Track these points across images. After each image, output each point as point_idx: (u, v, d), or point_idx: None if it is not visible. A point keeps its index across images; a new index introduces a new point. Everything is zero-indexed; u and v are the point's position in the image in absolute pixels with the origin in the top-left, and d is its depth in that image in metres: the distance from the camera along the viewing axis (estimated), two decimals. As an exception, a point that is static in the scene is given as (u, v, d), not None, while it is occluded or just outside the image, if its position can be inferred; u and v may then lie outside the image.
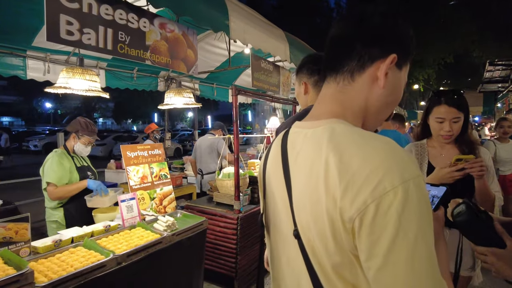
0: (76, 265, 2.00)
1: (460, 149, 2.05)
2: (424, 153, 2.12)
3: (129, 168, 2.90)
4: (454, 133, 1.98)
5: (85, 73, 2.09)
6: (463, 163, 1.84)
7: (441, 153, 2.10)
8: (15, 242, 2.05)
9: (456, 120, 1.95)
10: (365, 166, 0.66)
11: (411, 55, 0.86)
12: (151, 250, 2.47)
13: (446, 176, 1.86)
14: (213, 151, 5.28)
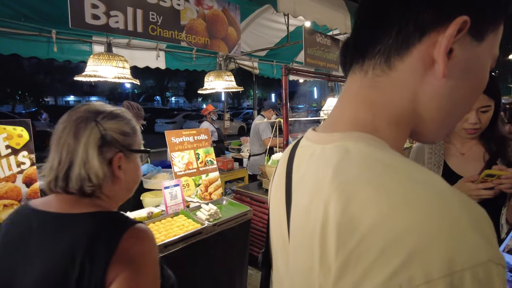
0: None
1: (486, 146, 1.51)
2: (440, 152, 1.60)
3: (174, 154, 2.85)
4: (482, 126, 1.45)
5: (112, 59, 2.02)
6: (495, 179, 1.32)
7: (462, 152, 1.58)
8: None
9: (485, 110, 1.41)
10: (383, 230, 0.37)
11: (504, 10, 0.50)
12: (190, 241, 2.40)
13: (471, 194, 1.36)
14: (256, 133, 5.09)
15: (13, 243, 0.84)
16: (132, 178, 0.99)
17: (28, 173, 1.97)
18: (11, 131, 1.92)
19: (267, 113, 5.18)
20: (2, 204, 1.88)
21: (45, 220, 0.85)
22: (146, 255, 0.83)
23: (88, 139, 0.87)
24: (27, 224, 0.85)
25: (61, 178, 0.87)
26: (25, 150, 1.96)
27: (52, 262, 0.78)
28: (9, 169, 1.90)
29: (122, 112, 0.99)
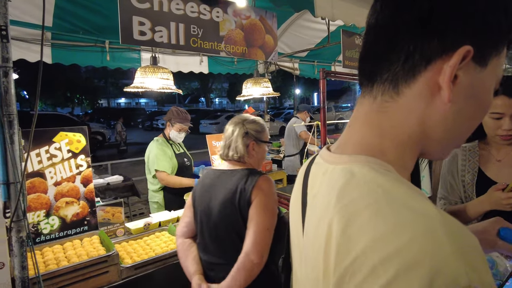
0: (157, 250, 2.17)
1: None
2: (474, 159, 1.53)
3: (214, 157, 2.99)
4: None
5: (157, 71, 2.19)
6: None
7: (498, 159, 1.51)
8: (112, 223, 2.34)
9: None
10: (374, 252, 0.41)
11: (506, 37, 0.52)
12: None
13: (501, 203, 1.28)
14: (290, 133, 5.11)
15: (206, 187, 1.66)
16: (260, 156, 1.71)
17: (85, 174, 2.21)
18: (71, 137, 2.16)
19: (302, 115, 5.21)
20: (65, 201, 2.12)
21: (221, 173, 1.66)
22: (270, 188, 1.55)
23: (239, 132, 1.63)
24: (213, 175, 1.68)
25: (225, 153, 1.66)
26: (83, 154, 2.20)
27: (227, 191, 1.56)
28: (69, 170, 2.15)
29: (256, 119, 1.72)
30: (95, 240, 2.10)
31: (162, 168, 3.07)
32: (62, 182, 2.13)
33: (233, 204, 1.52)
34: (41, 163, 2.05)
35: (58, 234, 2.11)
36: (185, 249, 1.70)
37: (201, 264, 1.64)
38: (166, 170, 3.09)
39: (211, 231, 1.59)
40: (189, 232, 1.73)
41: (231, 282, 1.46)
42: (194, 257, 1.66)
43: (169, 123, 3.24)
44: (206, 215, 1.61)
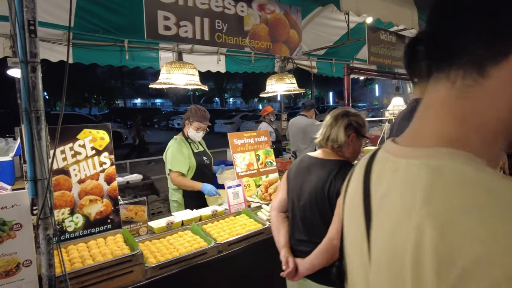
0: (181, 250, 2.13)
1: None
2: None
3: (236, 156, 2.94)
4: None
5: (183, 67, 2.14)
6: None
7: None
8: (135, 222, 2.32)
9: None
10: (494, 262, 0.34)
11: None
12: (252, 240, 2.46)
13: None
14: (306, 135, 4.98)
15: (301, 170, 1.84)
16: (357, 148, 1.79)
17: (109, 172, 2.19)
18: (95, 134, 2.14)
19: (309, 113, 5.10)
20: (89, 199, 2.11)
21: (316, 161, 1.81)
22: None
23: (342, 123, 1.74)
24: (308, 161, 1.84)
25: (324, 141, 1.78)
26: (106, 151, 2.18)
27: (318, 179, 1.71)
28: (93, 168, 2.13)
29: (359, 113, 1.80)
30: (119, 239, 2.07)
31: (175, 168, 3.05)
32: (86, 180, 2.11)
33: (323, 192, 1.68)
34: (66, 160, 2.04)
35: (82, 232, 2.09)
36: (279, 222, 1.93)
37: (290, 238, 1.87)
38: (180, 170, 3.06)
39: (300, 212, 1.79)
40: (282, 207, 1.96)
41: (313, 260, 1.67)
42: (285, 232, 1.88)
43: (187, 121, 3.21)
44: (297, 196, 1.81)
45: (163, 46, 5.52)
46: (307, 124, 4.98)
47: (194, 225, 2.45)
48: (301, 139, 5.04)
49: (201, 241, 2.27)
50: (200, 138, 3.29)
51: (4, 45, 4.37)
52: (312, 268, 1.67)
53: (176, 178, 3.04)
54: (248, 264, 2.46)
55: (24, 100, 1.47)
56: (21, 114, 1.47)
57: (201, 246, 2.20)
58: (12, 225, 1.53)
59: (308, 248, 1.71)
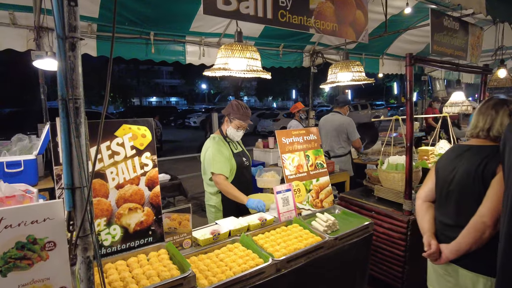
0: (235, 268, 1.79)
1: None
2: None
3: (285, 156, 2.59)
4: None
5: (245, 49, 1.79)
6: None
7: None
8: (178, 233, 1.99)
9: None
10: None
11: None
12: (312, 256, 2.10)
13: None
14: (341, 134, 4.57)
15: (451, 158, 1.91)
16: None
17: (151, 175, 1.86)
18: (136, 130, 1.82)
19: (343, 110, 4.69)
20: (128, 208, 1.79)
21: (469, 147, 1.86)
22: None
23: (504, 113, 1.75)
24: (459, 149, 1.91)
25: (483, 132, 1.80)
26: (148, 151, 1.85)
27: (472, 162, 1.76)
28: (133, 171, 1.81)
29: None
30: (164, 255, 1.75)
31: (219, 171, 2.71)
32: (125, 185, 1.79)
33: (477, 173, 1.70)
34: (102, 162, 1.72)
35: (120, 246, 1.77)
36: (424, 209, 2.00)
37: (434, 224, 1.93)
38: (223, 173, 2.73)
39: (450, 196, 1.84)
40: (428, 197, 2.02)
41: (460, 240, 1.70)
42: (429, 218, 1.95)
43: (227, 118, 2.87)
44: (447, 182, 1.86)
45: (189, 39, 5.23)
46: (341, 122, 4.58)
47: (244, 237, 2.11)
48: (335, 137, 4.65)
49: (255, 257, 1.93)
50: (239, 138, 2.95)
51: (28, 37, 4.13)
52: (458, 249, 1.70)
53: (222, 183, 2.71)
54: (306, 285, 2.10)
55: (61, 86, 1.15)
56: (58, 102, 1.16)
57: (257, 264, 1.86)
58: (45, 243, 1.22)
59: (455, 233, 1.74)
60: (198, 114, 24.92)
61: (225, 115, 2.90)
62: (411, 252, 2.94)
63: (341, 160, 4.63)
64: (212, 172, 2.70)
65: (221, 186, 2.70)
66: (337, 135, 4.62)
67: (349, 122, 4.55)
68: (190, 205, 2.02)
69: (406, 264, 2.95)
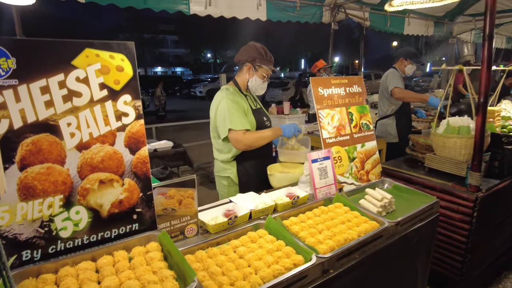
0: (263, 271, 1.17)
1: None
2: None
3: (322, 113, 1.91)
4: None
5: None
6: None
7: None
8: (178, 216, 1.37)
9: None
10: None
11: None
12: (369, 250, 1.48)
13: None
14: (383, 90, 3.81)
15: None
16: None
17: (133, 130, 1.21)
18: (107, 60, 1.16)
19: (398, 65, 3.86)
20: (97, 180, 1.16)
21: None
22: None
23: None
24: None
25: None
26: (127, 93, 1.19)
27: None
28: (105, 123, 1.16)
29: None
30: (154, 253, 1.12)
31: (238, 126, 2.04)
32: (92, 144, 1.14)
33: None
34: (52, 107, 1.06)
35: (88, 238, 1.15)
36: None
37: None
38: (245, 127, 2.07)
39: None
40: None
41: None
42: None
43: (250, 65, 2.16)
44: None
45: (193, -18, 4.43)
46: (384, 75, 3.80)
47: (271, 221, 1.49)
48: (379, 96, 3.90)
49: (290, 252, 1.31)
50: (263, 91, 2.27)
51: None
52: None
53: (243, 137, 2.05)
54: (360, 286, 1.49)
55: None
56: None
57: (294, 263, 1.24)
58: None
59: None
60: (204, 83, 24.01)
61: (244, 62, 2.20)
62: (475, 238, 2.32)
63: (382, 123, 3.92)
64: (230, 129, 2.04)
65: (244, 141, 2.05)
66: (381, 92, 3.90)
67: (390, 72, 3.76)
68: (195, 176, 1.38)
69: (469, 253, 2.33)
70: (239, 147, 2.11)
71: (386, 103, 3.87)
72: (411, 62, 3.76)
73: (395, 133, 3.88)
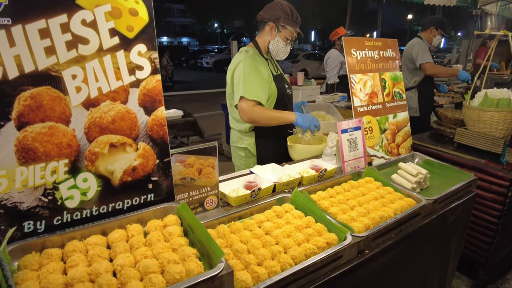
0: (293, 250, 1.04)
1: None
2: None
3: (354, 78, 1.72)
4: None
5: None
6: None
7: None
8: (197, 187, 1.22)
9: None
10: None
11: None
12: (406, 230, 1.34)
13: None
14: (406, 61, 3.53)
15: None
16: None
17: (148, 87, 1.05)
18: (119, 1, 0.97)
19: (426, 34, 3.56)
20: (108, 143, 1.01)
21: None
22: None
23: None
24: None
25: None
26: (142, 42, 1.02)
27: None
28: (116, 76, 0.99)
29: None
30: (173, 228, 0.98)
31: (250, 95, 1.86)
32: (101, 101, 0.98)
33: None
34: (53, 54, 0.90)
35: (97, 209, 1.02)
36: None
37: None
38: (259, 98, 1.88)
39: None
40: None
41: None
42: None
43: (272, 24, 1.94)
44: None
45: None
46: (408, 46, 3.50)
47: (298, 195, 1.34)
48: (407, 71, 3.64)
49: (322, 230, 1.17)
50: (286, 55, 2.06)
51: None
52: None
53: (254, 109, 1.87)
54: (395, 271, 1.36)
55: None
56: None
57: (327, 242, 1.11)
58: None
59: None
60: (211, 54, 23.42)
61: (267, 21, 1.98)
62: (507, 219, 2.18)
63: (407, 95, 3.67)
64: (242, 97, 1.86)
65: (251, 115, 1.87)
66: (403, 63, 3.62)
67: (416, 43, 3.47)
68: (216, 143, 1.22)
69: (498, 234, 2.20)
70: (243, 119, 1.93)
71: (409, 75, 3.62)
72: (441, 32, 3.48)
73: (416, 107, 3.65)
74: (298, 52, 18.10)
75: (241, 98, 1.87)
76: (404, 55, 3.61)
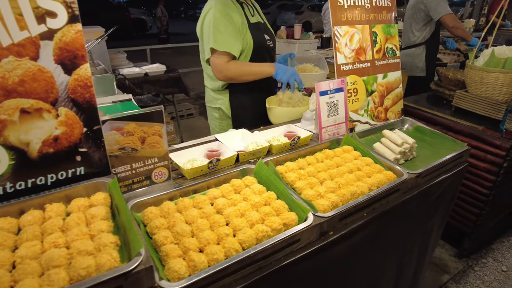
0: (243, 233, 0.91)
1: None
2: None
3: (339, 30, 1.48)
4: None
5: None
6: None
7: None
8: (141, 158, 1.07)
9: None
10: None
11: None
12: (381, 208, 1.20)
13: None
14: (417, 12, 3.17)
15: None
16: None
17: (65, 39, 0.85)
18: None
19: None
20: (18, 108, 0.84)
21: None
22: None
23: None
24: None
25: None
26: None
27: None
28: (19, 25, 0.79)
29: None
30: (97, 210, 0.84)
31: (221, 47, 1.64)
32: (3, 57, 0.80)
33: None
34: None
35: (12, 186, 0.87)
36: None
37: None
38: (231, 50, 1.66)
39: None
40: None
41: None
42: None
43: None
44: None
45: None
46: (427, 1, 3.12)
47: (262, 166, 1.19)
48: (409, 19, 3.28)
49: (281, 208, 1.03)
50: None
51: None
52: None
53: (229, 66, 1.67)
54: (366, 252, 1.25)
55: None
56: None
57: (284, 223, 0.98)
58: None
59: None
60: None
61: None
62: (498, 190, 2.05)
63: (408, 53, 3.34)
64: (212, 49, 1.64)
65: (226, 73, 1.68)
66: (412, 15, 3.25)
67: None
68: (163, 107, 1.05)
69: (487, 206, 2.08)
70: (217, 76, 1.73)
71: (419, 28, 3.25)
72: None
73: (423, 66, 3.35)
74: (302, 3, 17.04)
75: (212, 51, 1.66)
76: (413, 6, 3.24)
